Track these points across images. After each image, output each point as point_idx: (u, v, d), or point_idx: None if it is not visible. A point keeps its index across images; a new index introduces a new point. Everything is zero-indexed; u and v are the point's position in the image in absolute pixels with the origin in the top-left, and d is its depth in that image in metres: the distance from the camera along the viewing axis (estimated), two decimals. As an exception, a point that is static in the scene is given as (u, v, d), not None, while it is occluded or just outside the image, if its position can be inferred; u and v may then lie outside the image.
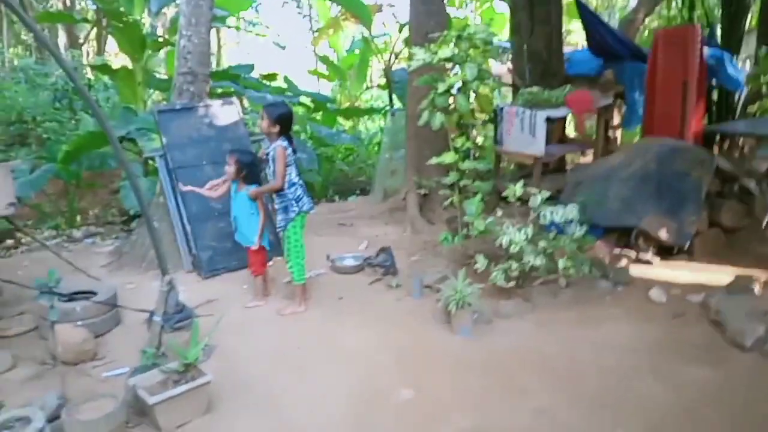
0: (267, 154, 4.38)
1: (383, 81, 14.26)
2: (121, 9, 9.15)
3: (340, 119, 12.61)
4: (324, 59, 13.67)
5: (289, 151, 4.28)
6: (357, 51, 13.30)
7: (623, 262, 5.06)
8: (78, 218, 8.21)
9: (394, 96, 11.15)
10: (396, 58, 11.60)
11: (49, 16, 11.46)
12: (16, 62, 13.79)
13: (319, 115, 11.35)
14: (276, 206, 4.48)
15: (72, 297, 4.36)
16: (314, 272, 5.28)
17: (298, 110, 10.63)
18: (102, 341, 4.18)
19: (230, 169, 4.54)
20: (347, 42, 14.44)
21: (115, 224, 8.09)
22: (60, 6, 15.37)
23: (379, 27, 11.81)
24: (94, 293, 4.47)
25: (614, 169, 5.55)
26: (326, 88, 16.06)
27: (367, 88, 14.60)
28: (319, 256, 5.52)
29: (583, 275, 4.44)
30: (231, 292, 5.08)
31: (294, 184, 4.36)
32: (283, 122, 4.26)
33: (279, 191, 4.35)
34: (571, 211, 4.21)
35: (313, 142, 10.04)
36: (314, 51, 15.49)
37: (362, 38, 12.72)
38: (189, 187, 4.83)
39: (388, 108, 11.06)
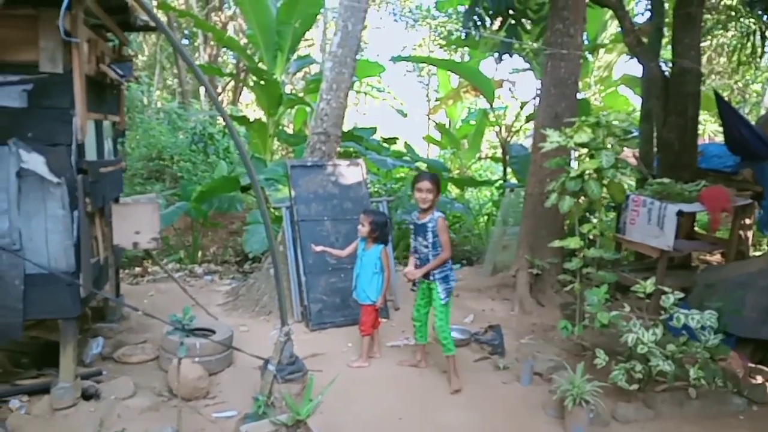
0: (413, 224, 4.48)
1: (494, 152, 14.31)
2: (263, 67, 9.92)
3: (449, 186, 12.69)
4: (440, 127, 13.97)
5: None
6: (473, 121, 13.51)
7: (759, 379, 4.61)
8: (199, 254, 8.73)
9: (509, 170, 11.11)
10: (509, 132, 11.61)
11: (201, 69, 12.57)
12: (160, 104, 15.22)
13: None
14: (436, 276, 4.38)
15: (192, 333, 4.57)
16: (412, 340, 5.21)
17: (412, 176, 10.78)
18: (214, 380, 4.31)
19: (363, 228, 4.69)
20: (463, 112, 14.74)
21: (231, 264, 8.51)
22: (206, 58, 16.93)
23: (496, 100, 11.94)
24: (212, 331, 4.66)
25: (753, 275, 5.13)
26: (434, 154, 16.34)
27: (479, 158, 14.69)
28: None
29: (716, 388, 4.07)
30: (335, 348, 5.12)
31: None
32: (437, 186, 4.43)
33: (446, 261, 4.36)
34: (710, 318, 3.90)
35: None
36: (429, 118, 15.92)
37: (480, 110, 12.90)
38: (321, 248, 5.01)
39: (502, 182, 11.01)
